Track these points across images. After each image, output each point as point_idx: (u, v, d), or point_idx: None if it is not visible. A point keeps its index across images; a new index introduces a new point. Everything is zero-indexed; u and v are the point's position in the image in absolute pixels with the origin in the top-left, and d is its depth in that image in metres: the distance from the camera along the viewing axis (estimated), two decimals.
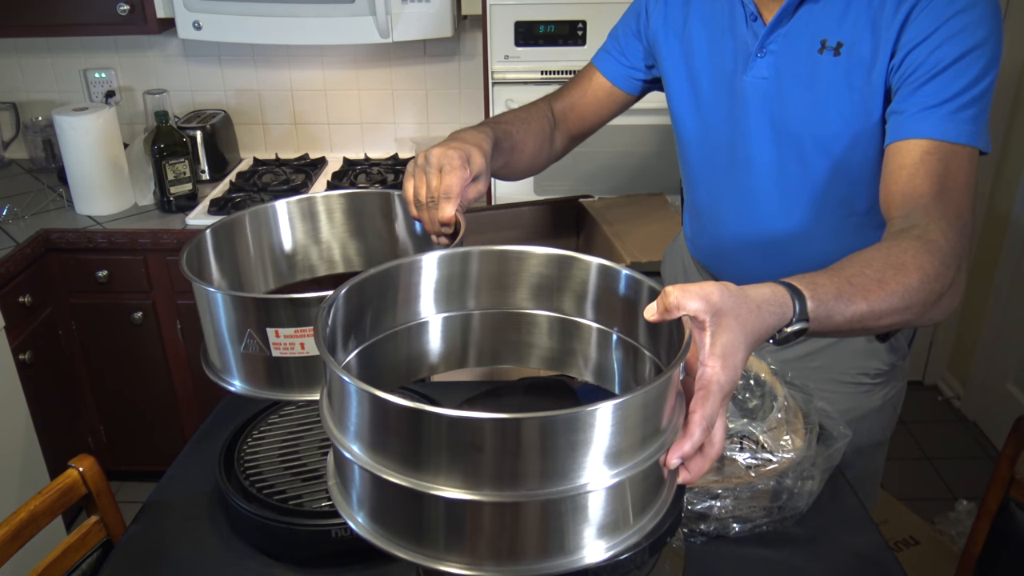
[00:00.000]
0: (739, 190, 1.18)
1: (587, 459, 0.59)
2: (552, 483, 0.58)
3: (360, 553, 0.97)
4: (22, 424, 1.97)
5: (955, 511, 2.22)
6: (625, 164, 2.08)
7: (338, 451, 0.65)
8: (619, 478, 0.60)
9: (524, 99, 2.01)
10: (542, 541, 0.60)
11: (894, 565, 0.96)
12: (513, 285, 0.85)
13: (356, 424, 0.62)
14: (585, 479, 0.59)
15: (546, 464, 0.58)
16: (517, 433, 0.57)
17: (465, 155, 0.99)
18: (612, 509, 0.62)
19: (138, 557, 1.00)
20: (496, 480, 0.58)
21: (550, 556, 0.61)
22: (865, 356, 1.22)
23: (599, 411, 0.58)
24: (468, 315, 0.86)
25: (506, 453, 0.57)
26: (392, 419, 0.60)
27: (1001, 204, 2.65)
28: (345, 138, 2.61)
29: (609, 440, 0.59)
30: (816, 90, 1.05)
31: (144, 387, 2.29)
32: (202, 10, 2.12)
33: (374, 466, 0.61)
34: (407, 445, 0.59)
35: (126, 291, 2.16)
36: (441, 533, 0.61)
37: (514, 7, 1.92)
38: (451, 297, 0.85)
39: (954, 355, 2.95)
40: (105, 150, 2.15)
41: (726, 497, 0.95)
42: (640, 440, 0.62)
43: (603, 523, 0.62)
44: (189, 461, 1.16)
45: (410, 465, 0.59)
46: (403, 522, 0.62)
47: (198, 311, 0.90)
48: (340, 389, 0.62)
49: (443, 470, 0.58)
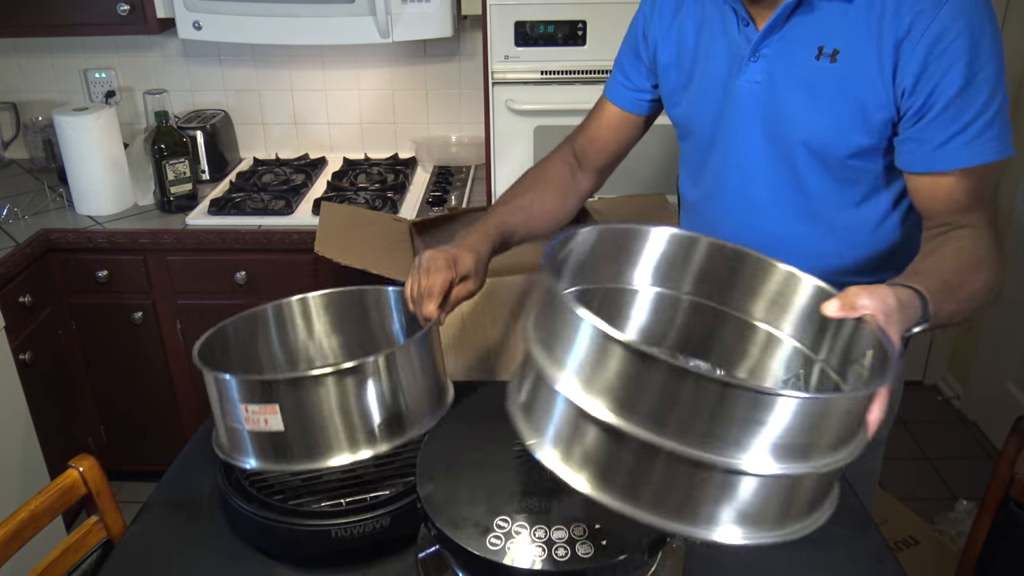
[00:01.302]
0: (731, 192, 1.19)
1: (754, 441, 0.60)
2: (707, 448, 0.60)
3: (360, 553, 0.97)
4: (22, 424, 1.97)
5: (955, 511, 2.22)
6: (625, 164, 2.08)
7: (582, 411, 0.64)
8: (782, 471, 0.62)
9: (524, 99, 2.03)
10: (679, 501, 0.63)
11: (894, 565, 0.96)
12: (734, 285, 0.88)
13: (602, 379, 0.62)
14: (744, 460, 0.61)
15: (712, 427, 0.60)
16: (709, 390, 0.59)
17: (452, 258, 1.06)
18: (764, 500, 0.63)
19: (138, 557, 1.00)
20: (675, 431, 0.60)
21: (679, 519, 0.63)
22: None
23: (780, 400, 0.59)
24: (678, 298, 0.89)
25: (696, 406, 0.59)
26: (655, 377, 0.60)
27: (1001, 204, 2.65)
28: (345, 138, 2.61)
29: (782, 432, 0.60)
30: (812, 95, 1.05)
31: (144, 387, 2.30)
32: (202, 10, 2.12)
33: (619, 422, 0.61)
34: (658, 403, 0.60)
35: (126, 291, 2.16)
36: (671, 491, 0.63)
37: (514, 7, 1.92)
38: (668, 275, 0.87)
39: (954, 355, 2.95)
40: (105, 150, 2.15)
41: None
42: (810, 445, 0.63)
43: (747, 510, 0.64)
44: (189, 461, 1.16)
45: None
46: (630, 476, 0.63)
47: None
48: (595, 342, 0.62)
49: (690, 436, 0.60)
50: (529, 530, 0.75)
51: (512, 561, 0.73)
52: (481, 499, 0.78)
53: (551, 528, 0.75)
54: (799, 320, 0.85)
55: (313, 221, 2.07)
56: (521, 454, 0.83)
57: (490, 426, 0.88)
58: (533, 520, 0.76)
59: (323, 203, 1.99)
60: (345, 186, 2.31)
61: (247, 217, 2.12)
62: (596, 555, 0.73)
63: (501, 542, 0.74)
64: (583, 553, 0.73)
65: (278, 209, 2.15)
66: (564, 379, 0.65)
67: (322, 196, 2.23)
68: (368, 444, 0.94)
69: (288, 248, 2.07)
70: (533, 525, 0.75)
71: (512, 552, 0.73)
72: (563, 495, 0.78)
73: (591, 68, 1.96)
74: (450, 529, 0.76)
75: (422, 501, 0.79)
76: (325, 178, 2.39)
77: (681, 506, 0.63)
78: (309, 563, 0.98)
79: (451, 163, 2.48)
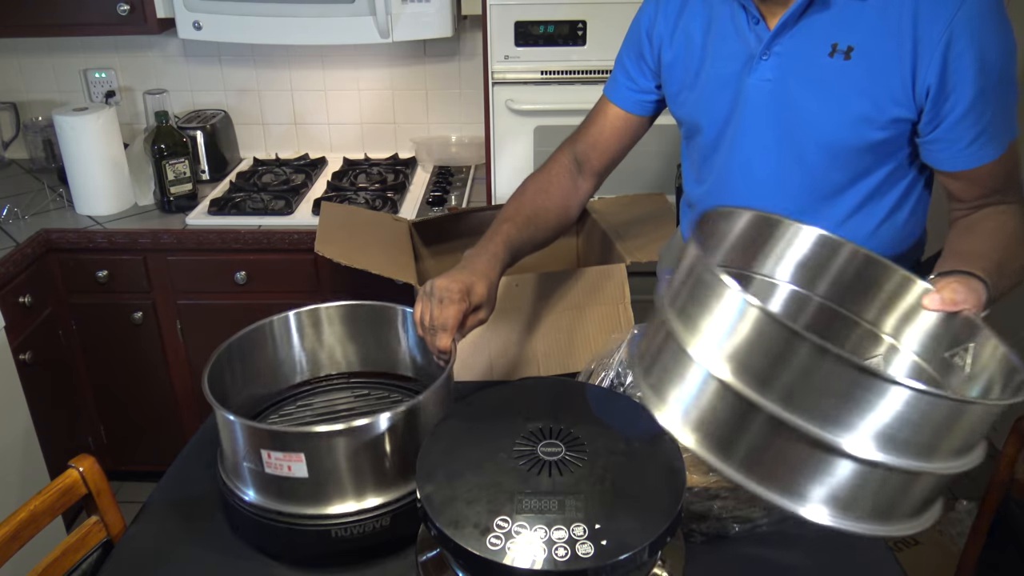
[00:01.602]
0: (737, 190, 1.18)
1: (861, 422, 0.62)
2: (805, 417, 0.63)
3: (360, 553, 0.97)
4: (22, 424, 1.97)
5: (955, 511, 2.21)
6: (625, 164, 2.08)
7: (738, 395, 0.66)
8: (880, 458, 0.63)
9: (524, 99, 2.03)
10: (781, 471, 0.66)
11: (894, 565, 0.96)
12: (868, 295, 0.90)
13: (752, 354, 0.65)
14: (846, 441, 0.63)
15: (818, 402, 0.62)
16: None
17: (466, 288, 1.05)
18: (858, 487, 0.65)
19: (138, 557, 1.00)
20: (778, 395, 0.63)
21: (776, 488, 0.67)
22: None
23: (894, 390, 0.61)
24: (810, 298, 0.91)
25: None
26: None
27: None
28: (345, 138, 2.61)
29: (889, 421, 0.62)
30: (824, 93, 1.06)
31: (144, 387, 2.29)
32: (202, 10, 2.12)
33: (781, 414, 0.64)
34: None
35: (126, 291, 2.16)
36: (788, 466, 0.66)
37: (514, 7, 1.92)
38: (805, 275, 0.90)
39: None
40: (105, 150, 2.15)
41: (726, 497, 0.95)
42: (919, 445, 0.64)
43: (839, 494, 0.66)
44: (189, 461, 1.16)
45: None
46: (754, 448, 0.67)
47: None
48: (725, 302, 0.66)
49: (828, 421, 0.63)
50: (529, 530, 0.75)
51: (512, 561, 0.73)
52: (481, 499, 0.78)
53: (551, 528, 0.75)
54: (925, 340, 0.87)
55: (313, 221, 2.07)
56: (521, 454, 0.83)
57: (490, 426, 0.88)
58: (533, 520, 0.76)
59: (323, 203, 1.99)
60: (345, 186, 2.31)
61: (247, 217, 2.12)
62: (596, 555, 0.73)
63: (501, 542, 0.74)
64: (583, 553, 0.73)
65: (278, 209, 2.15)
66: (700, 345, 0.68)
67: (322, 196, 2.23)
68: (376, 491, 0.96)
69: (288, 248, 2.07)
70: (533, 525, 0.75)
71: (512, 552, 0.73)
72: (563, 495, 0.78)
73: (591, 68, 1.96)
74: (450, 529, 0.76)
75: (422, 501, 0.79)
76: (325, 178, 2.39)
77: (782, 476, 0.66)
78: (309, 563, 0.98)
79: (451, 163, 2.48)
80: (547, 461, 0.82)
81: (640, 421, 0.89)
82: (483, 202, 2.20)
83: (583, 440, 0.85)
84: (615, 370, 1.09)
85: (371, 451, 0.93)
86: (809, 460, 0.65)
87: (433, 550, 0.88)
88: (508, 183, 2.11)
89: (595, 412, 0.90)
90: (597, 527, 0.75)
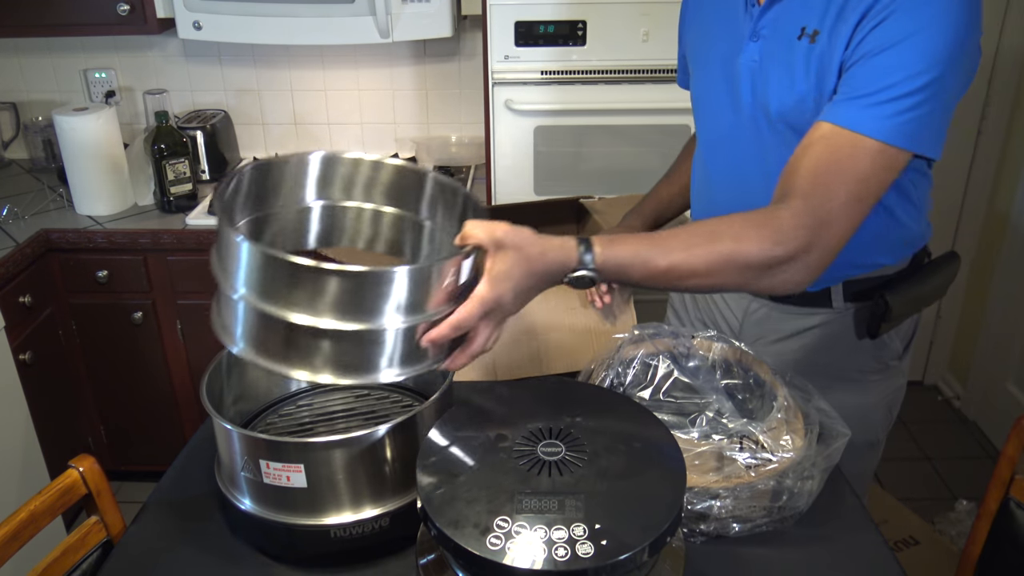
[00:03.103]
0: (729, 169, 1.20)
1: (320, 303, 0.82)
2: (295, 309, 0.83)
3: (360, 553, 0.97)
4: (22, 424, 1.97)
5: (955, 511, 2.22)
6: (625, 164, 2.08)
7: (224, 294, 0.88)
8: (405, 325, 0.85)
9: (524, 99, 2.03)
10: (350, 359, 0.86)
11: (894, 565, 0.96)
12: (355, 184, 1.09)
13: (243, 272, 0.85)
14: (319, 320, 0.83)
15: (290, 294, 0.82)
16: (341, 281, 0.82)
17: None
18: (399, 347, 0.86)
19: (138, 557, 1.00)
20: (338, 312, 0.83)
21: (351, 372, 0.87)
22: (856, 352, 1.23)
23: (397, 273, 0.83)
24: (335, 205, 1.10)
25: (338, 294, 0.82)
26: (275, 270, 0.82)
27: (1001, 204, 2.64)
28: (345, 138, 2.61)
29: (406, 295, 0.84)
30: (792, 76, 1.06)
31: (144, 387, 2.29)
32: (202, 10, 2.12)
33: (257, 302, 0.84)
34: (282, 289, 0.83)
35: (126, 291, 2.16)
36: (294, 349, 0.85)
37: (514, 7, 1.92)
38: (326, 189, 1.08)
39: (954, 355, 2.94)
40: (105, 150, 2.15)
41: (726, 497, 0.95)
42: (411, 305, 0.85)
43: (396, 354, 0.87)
44: (189, 461, 1.16)
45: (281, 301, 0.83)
46: (274, 343, 0.86)
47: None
48: (230, 246, 0.85)
49: (296, 305, 0.82)
50: (529, 530, 0.75)
51: (512, 561, 0.73)
52: (481, 499, 0.78)
53: (551, 528, 0.75)
54: (393, 193, 1.09)
55: None
56: (521, 454, 0.83)
57: (490, 426, 0.88)
58: (533, 520, 0.76)
59: None
60: None
61: None
62: (596, 555, 0.73)
63: (501, 542, 0.74)
64: (583, 553, 0.73)
65: None
66: (236, 287, 0.85)
67: None
68: (374, 502, 0.96)
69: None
70: (533, 525, 0.75)
71: (512, 552, 0.73)
72: (563, 495, 0.78)
73: (591, 68, 1.96)
74: (450, 529, 0.76)
75: (422, 501, 0.79)
76: None
77: (297, 355, 0.85)
78: (308, 563, 0.98)
79: (451, 163, 2.48)
80: (547, 461, 0.82)
81: (640, 421, 0.89)
82: (483, 202, 2.20)
83: (583, 440, 0.85)
84: (615, 370, 1.09)
85: (371, 461, 0.94)
86: (312, 341, 0.84)
87: (433, 552, 0.88)
88: (508, 183, 2.11)
89: (595, 412, 0.90)
90: (597, 527, 0.75)
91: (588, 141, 2.07)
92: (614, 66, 1.95)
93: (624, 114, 2.00)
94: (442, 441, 0.87)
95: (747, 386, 1.08)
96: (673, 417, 1.02)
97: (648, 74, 1.95)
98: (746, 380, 1.08)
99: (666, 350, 1.10)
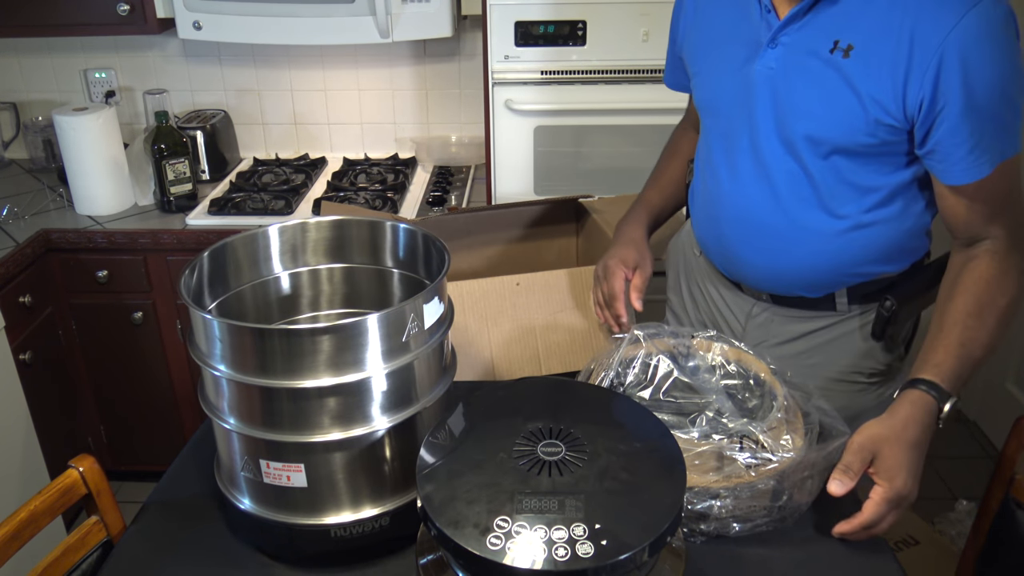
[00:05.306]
0: (736, 175, 1.19)
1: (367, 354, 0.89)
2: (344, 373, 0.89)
3: (360, 553, 0.97)
4: (22, 424, 1.97)
5: (955, 511, 2.21)
6: (625, 164, 2.08)
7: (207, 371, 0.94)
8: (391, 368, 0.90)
9: (524, 99, 2.03)
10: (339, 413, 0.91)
11: (894, 565, 0.96)
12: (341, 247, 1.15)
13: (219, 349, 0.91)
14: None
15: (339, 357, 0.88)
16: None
17: (619, 259, 1.31)
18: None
19: (138, 557, 1.00)
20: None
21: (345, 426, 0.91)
22: (860, 355, 1.23)
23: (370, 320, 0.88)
24: (303, 271, 1.15)
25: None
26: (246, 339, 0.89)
27: None
28: (345, 138, 2.61)
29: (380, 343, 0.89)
30: (819, 88, 1.06)
31: (144, 387, 2.29)
32: (202, 10, 2.12)
33: (235, 376, 0.90)
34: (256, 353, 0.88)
35: (126, 291, 2.16)
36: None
37: (514, 7, 1.92)
38: (291, 257, 1.14)
39: None
40: (105, 150, 2.15)
41: (726, 497, 0.95)
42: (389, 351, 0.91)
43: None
44: (189, 461, 1.16)
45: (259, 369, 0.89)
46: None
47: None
48: (203, 325, 0.92)
49: (283, 369, 0.87)
50: (529, 530, 0.75)
51: (512, 561, 0.73)
52: (481, 499, 0.78)
53: (551, 528, 0.75)
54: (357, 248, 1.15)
55: None
56: (521, 454, 0.83)
57: (490, 426, 0.88)
58: (533, 520, 0.76)
59: (323, 203, 1.99)
60: (345, 186, 2.31)
61: (247, 217, 2.12)
62: (596, 555, 0.73)
63: (501, 542, 0.74)
64: (583, 553, 0.73)
65: (278, 209, 2.15)
66: (213, 360, 0.92)
67: (322, 196, 2.23)
68: (374, 501, 0.96)
69: None
70: (533, 525, 0.75)
71: (512, 552, 0.73)
72: (563, 495, 0.78)
73: (591, 68, 1.96)
74: (450, 529, 0.76)
75: (422, 501, 0.79)
76: (325, 178, 2.39)
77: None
78: (308, 563, 0.98)
79: (451, 163, 2.49)
80: (547, 461, 0.82)
81: (640, 421, 0.89)
82: (483, 202, 2.20)
83: (583, 440, 0.85)
84: (615, 370, 1.09)
85: (371, 461, 0.94)
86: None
87: (432, 552, 0.88)
88: (508, 183, 2.11)
89: (595, 412, 0.90)
90: (597, 527, 0.75)
91: (588, 141, 2.07)
92: (614, 66, 1.95)
93: (624, 114, 2.00)
94: (442, 441, 0.87)
95: (747, 386, 1.08)
96: (673, 417, 1.02)
97: (648, 74, 1.95)
98: (746, 380, 1.08)
99: (666, 350, 1.10)
